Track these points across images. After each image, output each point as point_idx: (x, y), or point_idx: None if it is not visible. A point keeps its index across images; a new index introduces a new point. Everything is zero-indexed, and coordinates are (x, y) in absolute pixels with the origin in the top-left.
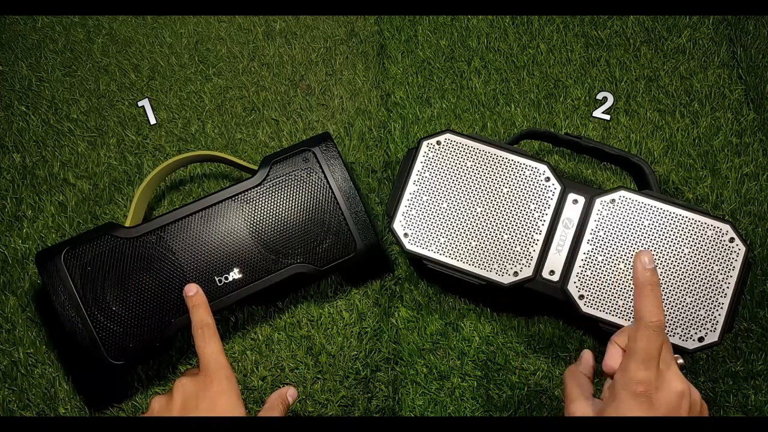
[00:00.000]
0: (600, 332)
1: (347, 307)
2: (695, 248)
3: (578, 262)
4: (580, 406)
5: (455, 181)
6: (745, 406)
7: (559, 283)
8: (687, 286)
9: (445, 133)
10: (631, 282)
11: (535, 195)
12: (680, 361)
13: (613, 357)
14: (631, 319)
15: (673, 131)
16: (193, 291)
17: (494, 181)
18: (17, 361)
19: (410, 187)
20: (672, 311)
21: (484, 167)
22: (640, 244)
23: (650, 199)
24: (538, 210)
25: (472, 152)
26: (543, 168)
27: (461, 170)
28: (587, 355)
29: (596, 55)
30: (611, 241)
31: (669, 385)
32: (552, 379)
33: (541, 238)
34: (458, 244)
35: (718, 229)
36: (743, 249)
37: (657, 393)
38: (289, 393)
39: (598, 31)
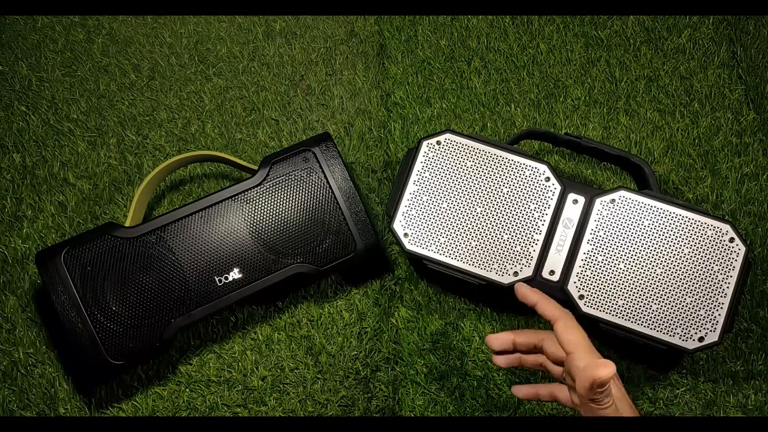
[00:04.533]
0: (600, 332)
1: (347, 307)
2: (695, 248)
3: (578, 262)
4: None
5: (455, 181)
6: (745, 406)
7: (559, 283)
8: (687, 286)
9: (445, 133)
10: (632, 282)
11: (535, 195)
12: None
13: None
14: (631, 319)
15: (673, 131)
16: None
17: (494, 181)
18: (17, 361)
19: (410, 187)
20: (672, 311)
21: (484, 167)
22: (640, 244)
23: (650, 199)
24: (538, 210)
25: (472, 152)
26: (543, 168)
27: (461, 170)
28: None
29: (596, 55)
30: (611, 241)
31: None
32: (552, 379)
33: (541, 238)
34: (458, 244)
35: (718, 229)
36: (743, 249)
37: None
38: None
39: (598, 31)
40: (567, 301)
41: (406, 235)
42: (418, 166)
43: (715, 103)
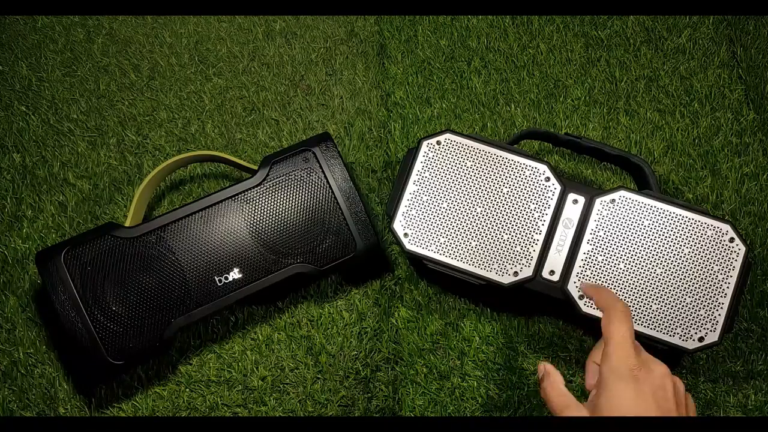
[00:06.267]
0: (600, 332)
1: (347, 307)
2: (695, 248)
3: (578, 262)
4: (576, 411)
5: (455, 181)
6: (745, 406)
7: (559, 283)
8: (687, 286)
9: (445, 133)
10: (632, 282)
11: (535, 195)
12: None
13: (592, 375)
14: (632, 319)
15: (673, 131)
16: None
17: (494, 181)
18: (17, 361)
19: (410, 187)
20: (672, 311)
21: (484, 167)
22: (640, 244)
23: (650, 199)
24: (538, 210)
25: (472, 152)
26: (543, 168)
27: (461, 170)
28: (551, 368)
29: (596, 55)
30: (611, 241)
31: (650, 366)
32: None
33: (541, 238)
34: (458, 244)
35: (718, 229)
36: (743, 249)
37: (641, 372)
38: None
39: (598, 31)
40: (567, 301)
41: (406, 235)
42: (418, 166)
43: (715, 103)
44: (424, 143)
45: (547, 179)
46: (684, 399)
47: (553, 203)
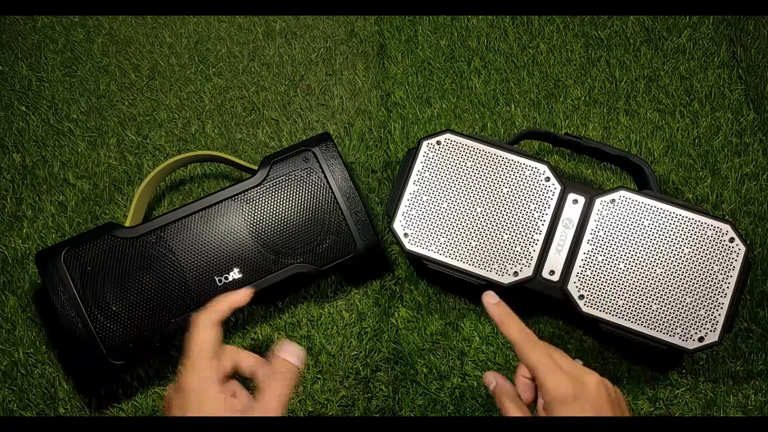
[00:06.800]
0: (600, 332)
1: (347, 307)
2: (695, 248)
3: (578, 262)
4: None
5: (455, 181)
6: (745, 406)
7: (559, 283)
8: (687, 286)
9: (445, 133)
10: (632, 282)
11: (535, 195)
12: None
13: (528, 389)
14: (631, 319)
15: (673, 131)
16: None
17: (494, 181)
18: (17, 361)
19: (410, 187)
20: (672, 311)
21: (484, 167)
22: (640, 244)
23: (650, 199)
24: (538, 210)
25: (472, 152)
26: (543, 168)
27: (461, 170)
28: (503, 379)
29: (596, 55)
30: (611, 241)
31: (582, 379)
32: None
33: (541, 238)
34: (458, 244)
35: (718, 229)
36: (743, 249)
37: (578, 391)
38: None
39: (598, 31)
40: (567, 301)
41: (406, 235)
42: (418, 166)
43: (715, 103)
44: (424, 143)
45: (547, 179)
46: (620, 398)
47: (553, 203)
